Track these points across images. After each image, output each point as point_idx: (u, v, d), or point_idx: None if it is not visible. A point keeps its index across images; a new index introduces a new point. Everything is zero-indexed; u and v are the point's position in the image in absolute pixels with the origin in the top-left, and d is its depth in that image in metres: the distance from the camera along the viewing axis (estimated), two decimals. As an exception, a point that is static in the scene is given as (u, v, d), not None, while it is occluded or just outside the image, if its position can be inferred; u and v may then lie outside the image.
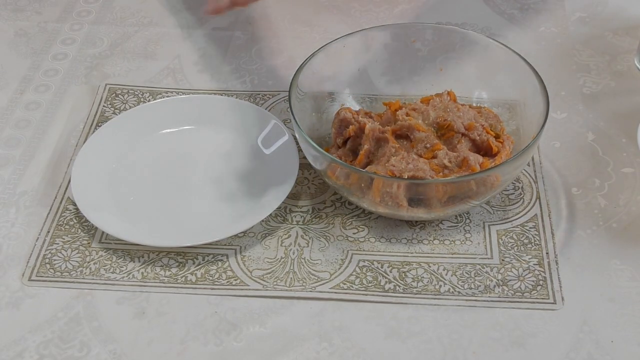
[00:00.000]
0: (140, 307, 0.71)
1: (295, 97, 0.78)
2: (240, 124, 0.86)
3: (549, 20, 1.00)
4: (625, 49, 0.95)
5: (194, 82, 0.94)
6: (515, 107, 0.83)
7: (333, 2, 1.05)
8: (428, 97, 0.82)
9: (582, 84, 0.91)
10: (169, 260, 0.75)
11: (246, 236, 0.77)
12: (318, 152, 0.73)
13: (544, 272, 0.73)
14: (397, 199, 0.72)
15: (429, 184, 0.72)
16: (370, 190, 0.72)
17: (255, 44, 0.99)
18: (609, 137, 0.85)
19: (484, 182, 0.72)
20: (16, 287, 0.73)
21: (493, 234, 0.76)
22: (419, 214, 0.74)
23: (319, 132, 0.83)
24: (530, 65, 0.78)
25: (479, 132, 0.77)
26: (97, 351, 0.68)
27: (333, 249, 0.76)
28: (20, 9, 1.06)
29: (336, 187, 0.75)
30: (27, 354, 0.68)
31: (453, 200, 0.72)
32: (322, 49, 0.82)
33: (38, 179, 0.83)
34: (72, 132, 0.88)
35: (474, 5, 1.03)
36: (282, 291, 0.72)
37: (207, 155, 0.84)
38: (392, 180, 0.72)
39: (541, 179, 0.81)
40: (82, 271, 0.74)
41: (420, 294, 0.72)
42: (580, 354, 0.67)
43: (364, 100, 0.87)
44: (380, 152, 0.77)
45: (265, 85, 0.93)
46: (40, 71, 0.96)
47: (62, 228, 0.78)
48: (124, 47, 0.99)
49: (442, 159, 0.75)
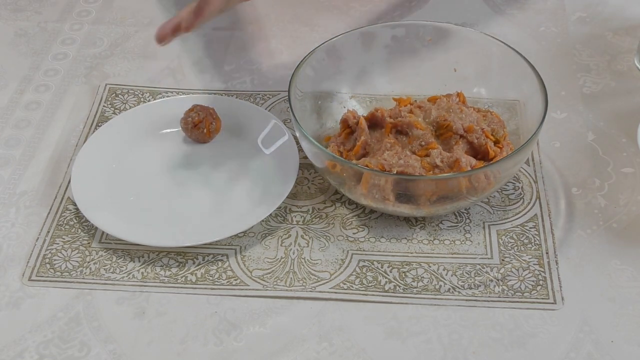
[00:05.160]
0: (140, 307, 0.71)
1: (295, 96, 0.78)
2: (240, 124, 0.86)
3: (549, 20, 1.00)
4: (625, 49, 0.95)
5: (194, 82, 0.94)
6: (515, 107, 0.83)
7: (333, 2, 1.05)
8: (436, 96, 0.82)
9: (582, 84, 0.91)
10: (169, 260, 0.75)
11: (246, 236, 0.77)
12: (317, 147, 0.73)
13: (544, 272, 0.73)
14: (384, 193, 0.72)
15: (415, 181, 0.72)
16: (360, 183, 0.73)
17: (255, 44, 0.99)
18: (609, 137, 0.85)
19: (473, 184, 0.72)
20: (16, 287, 0.73)
21: (493, 234, 0.76)
22: (405, 210, 0.74)
23: (319, 131, 0.83)
24: (530, 64, 0.79)
25: (477, 135, 0.77)
26: (97, 351, 0.68)
27: (333, 249, 0.76)
28: (20, 9, 1.06)
29: (330, 177, 0.75)
30: (27, 354, 0.68)
31: (443, 200, 0.73)
32: (321, 47, 0.82)
33: (38, 179, 0.83)
34: (72, 132, 0.88)
35: (474, 5, 1.03)
36: (282, 291, 0.72)
37: (207, 156, 0.84)
38: (378, 173, 0.72)
39: (541, 179, 0.81)
40: (82, 271, 0.74)
41: (420, 294, 0.72)
42: (580, 354, 0.67)
43: (364, 100, 0.87)
44: (378, 145, 0.77)
45: (265, 85, 0.93)
46: (40, 71, 0.96)
47: (62, 228, 0.78)
48: (124, 47, 0.99)
49: (435, 158, 0.75)
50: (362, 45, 0.85)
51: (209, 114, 0.84)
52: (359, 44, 0.85)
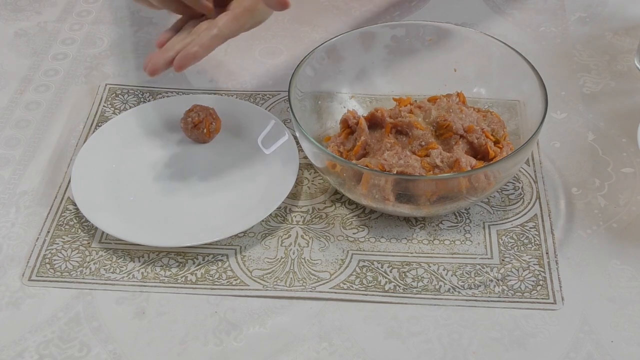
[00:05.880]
0: (140, 307, 0.71)
1: (295, 96, 0.78)
2: (240, 124, 0.86)
3: (549, 20, 1.00)
4: (625, 49, 0.95)
5: (194, 82, 0.94)
6: (515, 107, 0.83)
7: (333, 2, 1.05)
8: (436, 96, 0.82)
9: (582, 84, 0.91)
10: (169, 260, 0.75)
11: (246, 236, 0.77)
12: (317, 147, 0.73)
13: (544, 272, 0.73)
14: (384, 193, 0.72)
15: (415, 181, 0.72)
16: (360, 183, 0.73)
17: (255, 44, 0.99)
18: (609, 137, 0.85)
19: (473, 184, 0.72)
20: (16, 287, 0.73)
21: (493, 234, 0.76)
22: (405, 210, 0.74)
23: (319, 131, 0.83)
24: (530, 64, 0.79)
25: (477, 136, 0.77)
26: (97, 351, 0.68)
27: (333, 249, 0.76)
28: (20, 9, 1.06)
29: (330, 177, 0.75)
30: (27, 354, 0.68)
31: (443, 200, 0.73)
32: (321, 47, 0.82)
33: (38, 179, 0.83)
34: (72, 132, 0.88)
35: (473, 5, 1.03)
36: (282, 291, 0.72)
37: (207, 156, 0.84)
38: (378, 173, 0.72)
39: (541, 179, 0.81)
40: (82, 271, 0.74)
41: (420, 294, 0.72)
42: (580, 354, 0.67)
43: (364, 100, 0.87)
44: (378, 145, 0.77)
45: (265, 85, 0.93)
46: (40, 71, 0.96)
47: (62, 228, 0.78)
48: (124, 47, 0.99)
49: (435, 158, 0.75)
50: (362, 45, 0.85)
51: (209, 114, 0.84)
52: (359, 44, 0.85)
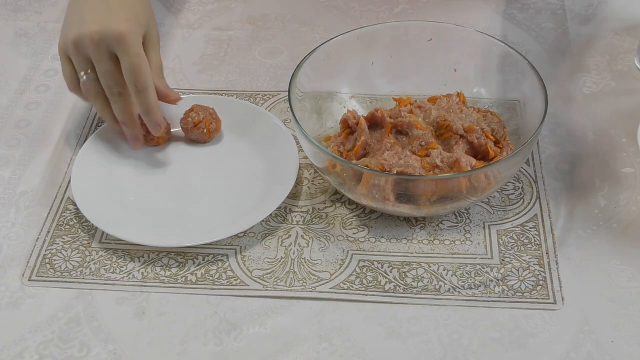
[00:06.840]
0: (140, 307, 0.71)
1: (295, 96, 0.78)
2: (241, 124, 0.86)
3: (549, 20, 1.00)
4: (625, 49, 0.95)
5: (194, 82, 0.94)
6: (515, 107, 0.83)
7: (333, 2, 1.05)
8: (436, 96, 0.82)
9: (582, 84, 0.91)
10: (169, 260, 0.75)
11: (246, 236, 0.77)
12: (317, 147, 0.73)
13: (544, 272, 0.73)
14: (384, 193, 0.72)
15: (415, 180, 0.72)
16: (360, 183, 0.73)
17: (255, 44, 0.99)
18: (609, 137, 0.85)
19: (473, 184, 0.72)
20: (16, 287, 0.73)
21: (493, 234, 0.76)
22: (405, 210, 0.74)
23: (319, 131, 0.83)
24: (530, 64, 0.79)
25: (477, 135, 0.77)
26: (97, 351, 0.68)
27: (333, 249, 0.76)
28: (20, 9, 1.06)
29: (330, 177, 0.75)
30: (27, 354, 0.68)
31: (443, 200, 0.73)
32: (321, 47, 0.82)
33: (38, 179, 0.83)
34: (72, 132, 0.88)
35: (474, 5, 1.03)
36: (282, 291, 0.72)
37: (207, 156, 0.84)
38: (378, 173, 0.72)
39: (541, 179, 0.81)
40: (82, 271, 0.74)
41: (420, 294, 0.72)
42: (580, 354, 0.67)
43: (364, 100, 0.87)
44: (378, 145, 0.77)
45: (266, 85, 0.93)
46: (40, 71, 0.96)
47: (62, 228, 0.78)
48: (124, 47, 0.99)
49: (435, 158, 0.75)
50: (362, 45, 0.85)
51: (209, 114, 0.84)
52: (359, 44, 0.85)
